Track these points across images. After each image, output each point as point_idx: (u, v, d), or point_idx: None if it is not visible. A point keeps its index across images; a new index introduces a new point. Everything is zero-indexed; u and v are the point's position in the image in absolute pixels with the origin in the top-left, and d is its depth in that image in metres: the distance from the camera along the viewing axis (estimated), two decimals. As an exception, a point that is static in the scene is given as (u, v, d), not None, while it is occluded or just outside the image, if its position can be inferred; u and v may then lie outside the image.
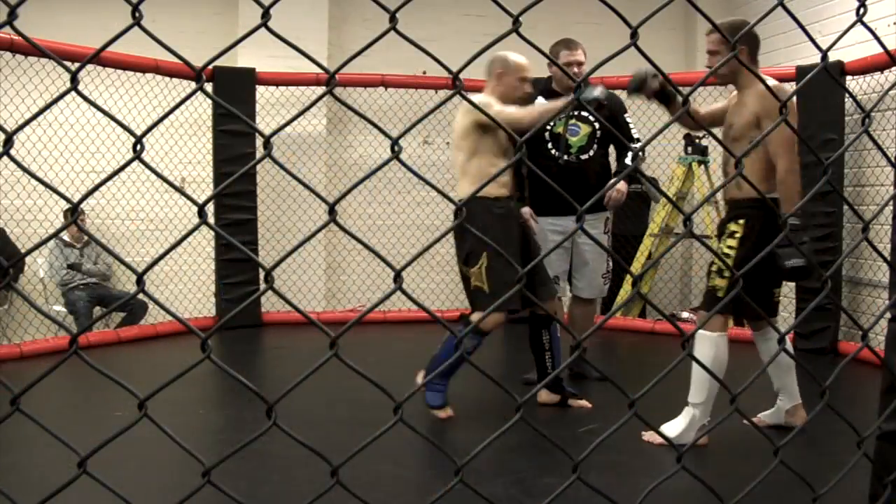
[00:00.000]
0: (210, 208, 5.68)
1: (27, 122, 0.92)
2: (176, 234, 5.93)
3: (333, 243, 6.50)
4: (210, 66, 1.61)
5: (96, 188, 0.94)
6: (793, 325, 1.42)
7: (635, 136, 4.02)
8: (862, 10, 1.22)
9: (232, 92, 5.58)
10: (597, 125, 3.96)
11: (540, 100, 4.01)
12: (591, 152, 3.96)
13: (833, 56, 4.74)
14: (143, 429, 1.12)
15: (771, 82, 3.00)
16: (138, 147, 0.90)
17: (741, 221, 3.10)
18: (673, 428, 3.13)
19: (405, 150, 1.02)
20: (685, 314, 6.17)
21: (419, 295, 6.33)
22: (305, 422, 3.39)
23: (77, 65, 0.92)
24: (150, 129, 0.98)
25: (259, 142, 5.74)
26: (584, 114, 3.94)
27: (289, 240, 6.16)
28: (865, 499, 2.07)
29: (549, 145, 3.96)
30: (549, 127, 3.94)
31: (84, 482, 0.94)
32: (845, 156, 5.10)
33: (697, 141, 5.86)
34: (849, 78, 4.94)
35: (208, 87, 5.66)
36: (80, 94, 0.90)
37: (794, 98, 2.96)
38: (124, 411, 3.31)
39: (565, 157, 3.92)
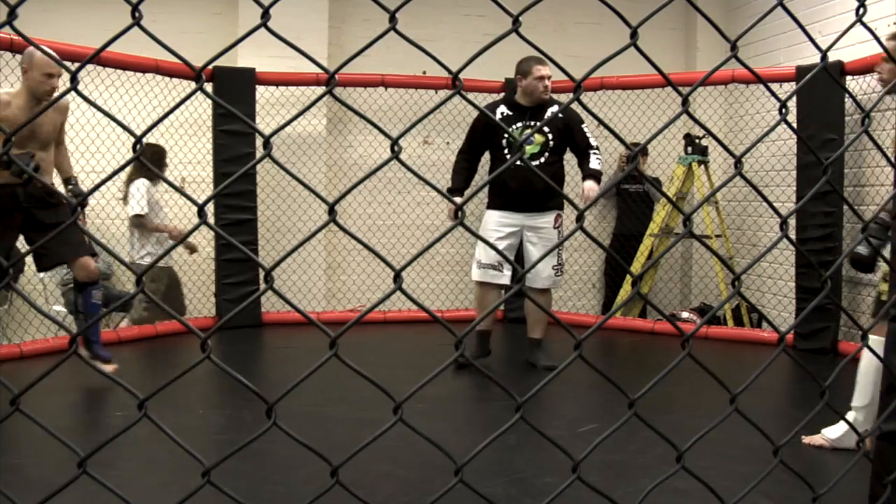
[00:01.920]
0: (210, 208, 5.68)
1: (27, 122, 0.92)
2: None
3: (333, 243, 6.50)
4: (210, 66, 1.61)
5: (96, 188, 0.94)
6: (793, 324, 1.42)
7: (593, 143, 4.38)
8: (862, 10, 1.22)
9: (232, 92, 5.58)
10: (550, 136, 4.37)
11: (502, 109, 4.43)
12: (543, 159, 4.36)
13: (833, 56, 4.74)
14: (143, 429, 1.12)
15: None
16: (138, 147, 0.90)
17: None
18: (834, 431, 3.09)
19: (405, 150, 1.02)
20: (685, 314, 6.17)
21: (419, 295, 6.33)
22: (305, 422, 3.39)
23: (77, 65, 0.92)
24: (150, 129, 0.98)
25: (259, 142, 5.73)
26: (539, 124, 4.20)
27: (289, 240, 6.16)
28: (865, 499, 2.07)
29: (507, 152, 4.36)
30: (506, 135, 4.34)
31: (84, 482, 0.94)
32: (845, 156, 5.10)
33: (697, 141, 5.86)
34: (849, 78, 4.94)
35: (208, 87, 5.66)
36: (80, 94, 0.91)
37: None
38: (125, 411, 3.32)
39: (518, 162, 4.16)
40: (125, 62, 5.12)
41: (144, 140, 3.94)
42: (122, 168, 0.98)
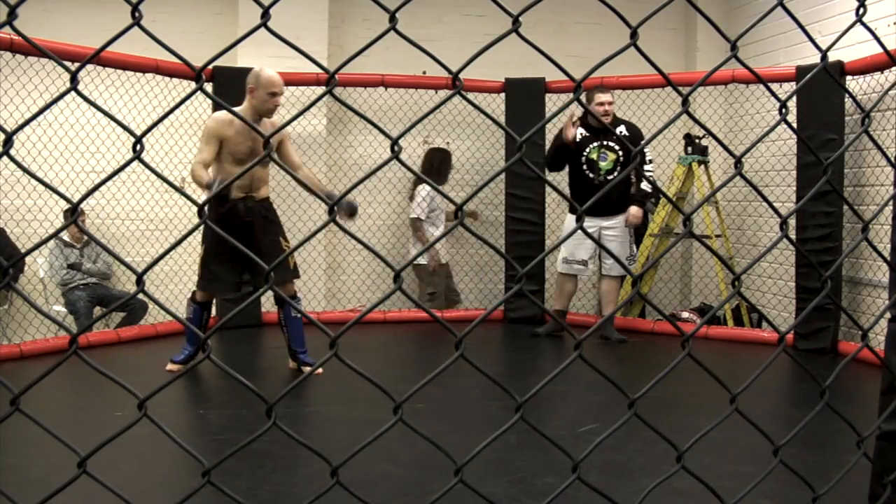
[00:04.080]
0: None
1: (27, 122, 0.92)
2: (176, 234, 5.93)
3: (333, 243, 6.50)
4: (210, 66, 1.61)
5: (96, 188, 0.94)
6: (793, 324, 1.42)
7: (648, 157, 5.48)
8: (862, 10, 1.22)
9: (232, 92, 5.57)
10: (620, 153, 5.28)
11: (581, 130, 5.31)
12: (616, 173, 5.27)
13: (833, 56, 4.74)
14: (144, 429, 1.12)
15: None
16: (138, 147, 0.90)
17: None
18: None
19: (405, 150, 1.02)
20: (685, 314, 6.17)
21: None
22: (305, 422, 3.39)
23: (77, 65, 0.92)
24: (150, 129, 0.98)
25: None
26: (612, 144, 5.28)
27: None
28: (865, 499, 2.07)
29: (585, 167, 5.31)
30: (584, 153, 5.30)
31: (84, 482, 0.94)
32: (845, 156, 5.10)
33: (697, 141, 5.86)
34: (849, 78, 4.94)
35: (208, 87, 5.66)
36: (80, 94, 0.90)
37: None
38: (124, 411, 3.32)
39: (599, 177, 5.28)
40: (125, 62, 5.12)
41: (430, 145, 4.12)
42: (121, 169, 0.97)
